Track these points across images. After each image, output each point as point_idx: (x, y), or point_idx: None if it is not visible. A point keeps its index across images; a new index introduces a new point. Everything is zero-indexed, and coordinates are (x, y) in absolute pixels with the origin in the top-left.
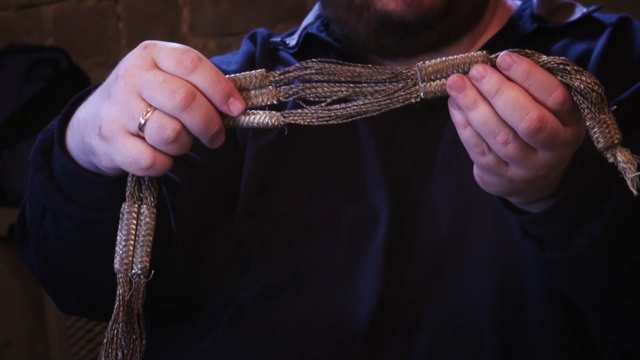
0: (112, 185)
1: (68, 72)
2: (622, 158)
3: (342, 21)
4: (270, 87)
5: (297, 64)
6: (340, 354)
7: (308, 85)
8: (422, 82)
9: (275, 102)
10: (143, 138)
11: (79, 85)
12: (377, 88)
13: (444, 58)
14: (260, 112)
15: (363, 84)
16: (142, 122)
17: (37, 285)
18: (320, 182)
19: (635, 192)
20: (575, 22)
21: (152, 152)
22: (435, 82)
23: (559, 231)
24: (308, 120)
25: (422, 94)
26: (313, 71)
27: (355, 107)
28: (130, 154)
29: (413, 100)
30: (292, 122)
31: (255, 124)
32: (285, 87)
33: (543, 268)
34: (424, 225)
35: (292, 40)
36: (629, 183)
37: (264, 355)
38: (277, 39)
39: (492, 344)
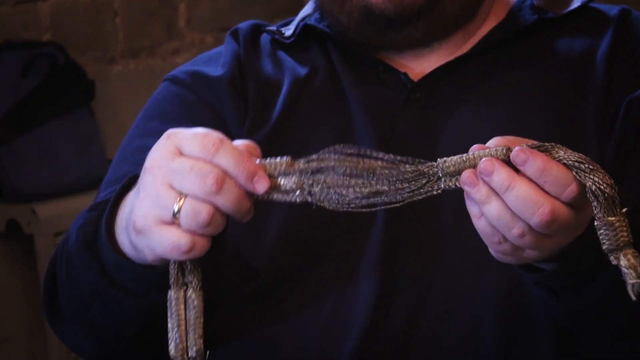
0: (166, 274)
1: (65, 68)
2: (624, 263)
3: (327, 11)
4: (295, 175)
5: (321, 152)
6: (336, 350)
7: (330, 181)
8: (443, 178)
9: (299, 191)
10: (178, 225)
11: (76, 80)
12: (398, 186)
13: (464, 156)
14: (289, 190)
15: (384, 180)
16: (176, 210)
17: (34, 280)
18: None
19: (634, 298)
20: (575, 11)
21: (190, 236)
22: (455, 178)
23: (571, 284)
24: (333, 205)
25: (442, 186)
26: (337, 161)
27: (378, 199)
28: (169, 242)
29: (435, 193)
30: (318, 203)
31: (282, 201)
32: (310, 177)
33: (555, 313)
34: (425, 217)
35: (289, 30)
36: (628, 288)
37: (261, 348)
38: (274, 28)
39: (492, 336)
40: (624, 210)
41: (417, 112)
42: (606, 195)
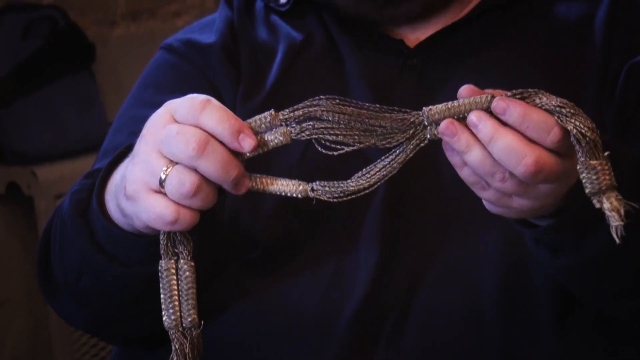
0: (155, 243)
1: (65, 31)
2: (607, 206)
3: None
4: (281, 126)
5: (306, 101)
6: (335, 314)
7: (318, 125)
8: (428, 126)
9: (289, 142)
10: (165, 194)
11: (77, 43)
12: (386, 135)
13: (449, 104)
14: (290, 183)
15: (374, 127)
16: (163, 178)
17: (34, 243)
18: (314, 143)
19: (617, 240)
20: None
21: (175, 207)
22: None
23: (570, 239)
24: (336, 195)
25: (428, 136)
26: (323, 109)
27: (377, 174)
28: (154, 211)
29: (422, 144)
30: (318, 197)
31: (282, 193)
32: (296, 125)
33: (556, 272)
34: (426, 183)
35: None
36: (612, 230)
37: (260, 315)
38: None
39: (493, 301)
40: (606, 154)
41: (414, 78)
42: (588, 138)
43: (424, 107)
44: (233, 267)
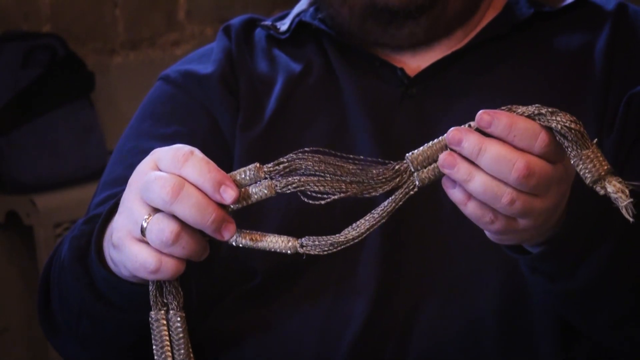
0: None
1: (65, 59)
2: (612, 189)
3: (327, 3)
4: (266, 179)
5: (291, 154)
6: (335, 345)
7: (305, 179)
8: (415, 172)
9: (273, 195)
10: (147, 242)
11: (76, 72)
12: (373, 184)
13: (430, 143)
14: (279, 239)
15: (360, 177)
16: (144, 226)
17: (34, 271)
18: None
19: (631, 220)
20: (572, 5)
21: (157, 255)
22: (427, 168)
23: (566, 263)
24: (326, 249)
25: (417, 182)
26: (308, 162)
27: (366, 224)
28: (137, 260)
29: (412, 192)
30: (309, 252)
31: (271, 249)
32: (281, 179)
33: (553, 301)
34: (425, 211)
35: (284, 25)
36: (623, 211)
37: (259, 343)
38: (268, 22)
39: (493, 330)
40: (595, 141)
41: (414, 107)
42: (573, 130)
43: (406, 154)
44: (231, 298)
